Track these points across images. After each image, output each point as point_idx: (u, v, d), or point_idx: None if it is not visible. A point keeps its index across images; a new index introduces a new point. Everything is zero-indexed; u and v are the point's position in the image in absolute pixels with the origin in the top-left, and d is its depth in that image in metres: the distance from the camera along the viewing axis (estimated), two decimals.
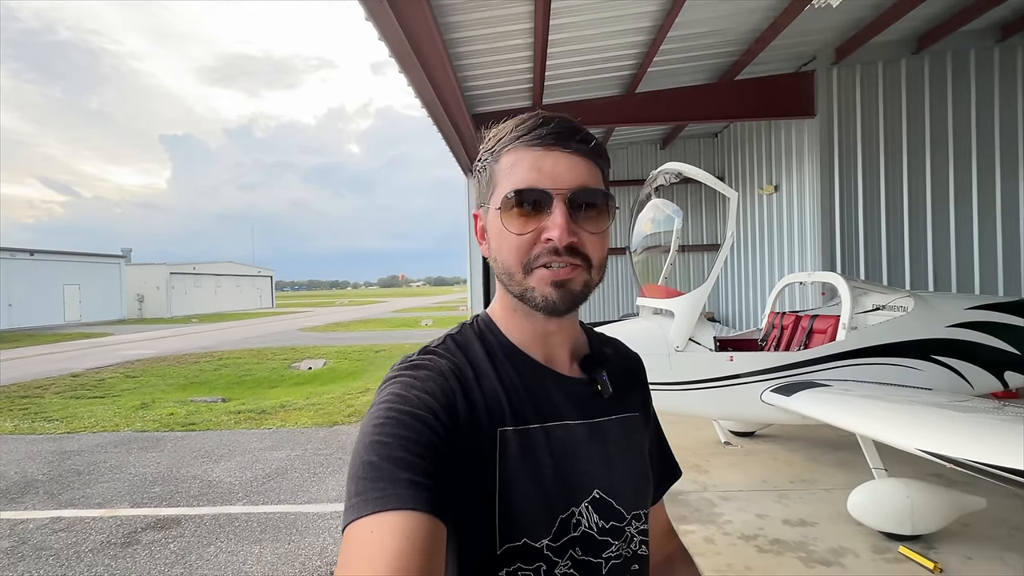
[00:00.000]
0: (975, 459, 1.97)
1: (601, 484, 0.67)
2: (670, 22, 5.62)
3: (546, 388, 0.68)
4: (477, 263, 9.92)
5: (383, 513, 0.48)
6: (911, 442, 2.19)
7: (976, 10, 6.20)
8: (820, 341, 3.90)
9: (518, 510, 0.61)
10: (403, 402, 0.58)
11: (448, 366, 0.65)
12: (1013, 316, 3.86)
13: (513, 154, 0.65)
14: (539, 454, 0.64)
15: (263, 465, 5.05)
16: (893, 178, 7.15)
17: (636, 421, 0.77)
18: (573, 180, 0.63)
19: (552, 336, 0.71)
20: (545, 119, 0.65)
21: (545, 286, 0.63)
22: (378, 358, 13.73)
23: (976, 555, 2.97)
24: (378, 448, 0.54)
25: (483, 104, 7.49)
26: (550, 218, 0.62)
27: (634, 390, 0.80)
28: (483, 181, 0.69)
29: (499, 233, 0.65)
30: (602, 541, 0.65)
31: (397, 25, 4.30)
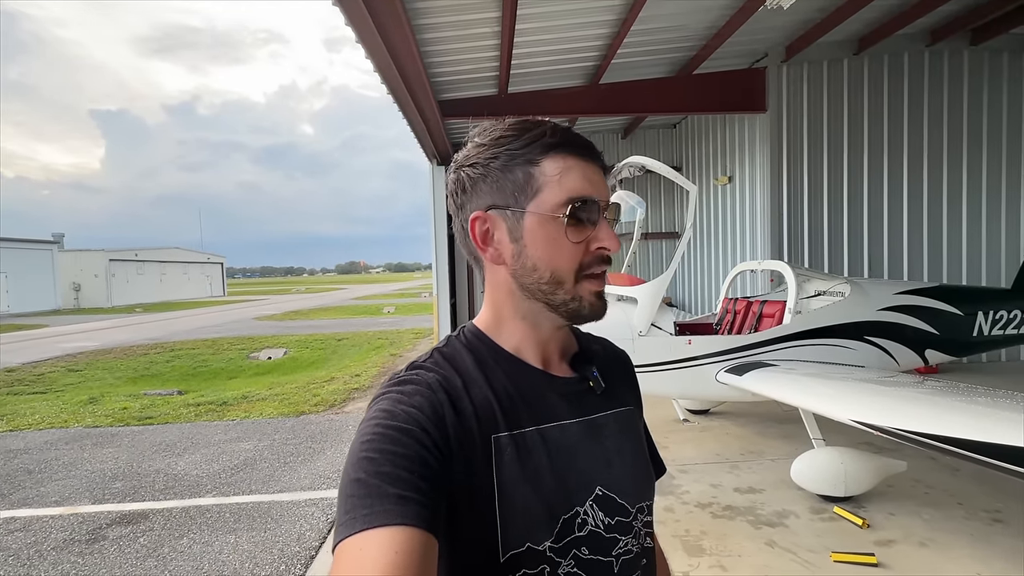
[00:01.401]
0: (898, 427, 2.27)
1: (603, 480, 0.67)
2: (633, 16, 5.77)
3: (539, 390, 0.68)
4: (443, 249, 9.91)
5: (372, 530, 0.48)
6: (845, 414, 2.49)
7: (909, 16, 6.68)
8: (769, 325, 4.23)
9: (519, 515, 0.60)
10: (391, 417, 0.58)
11: (435, 379, 0.64)
12: (933, 300, 4.31)
13: (560, 160, 0.64)
14: (536, 457, 0.63)
15: (230, 457, 4.99)
16: (835, 171, 7.67)
17: (631, 415, 0.77)
18: (606, 194, 0.67)
19: (553, 342, 0.72)
20: (569, 129, 0.67)
21: (592, 296, 0.66)
22: (341, 347, 13.54)
23: (898, 511, 3.37)
24: (366, 465, 0.53)
25: (449, 90, 7.45)
26: (597, 228, 0.65)
27: (624, 385, 0.81)
28: (512, 181, 0.65)
29: (552, 241, 0.64)
30: (610, 538, 0.65)
31: (365, 10, 4.24)
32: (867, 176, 7.68)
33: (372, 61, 5.10)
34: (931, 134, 7.72)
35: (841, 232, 7.69)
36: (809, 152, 7.63)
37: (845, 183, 7.67)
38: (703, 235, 10.00)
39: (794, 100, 7.61)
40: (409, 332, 15.31)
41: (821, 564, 2.82)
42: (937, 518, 3.27)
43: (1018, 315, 4.47)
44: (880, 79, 7.66)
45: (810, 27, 6.89)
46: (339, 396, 7.44)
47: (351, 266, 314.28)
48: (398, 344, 12.95)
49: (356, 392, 7.73)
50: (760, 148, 7.85)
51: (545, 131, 0.65)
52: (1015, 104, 7.84)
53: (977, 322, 4.37)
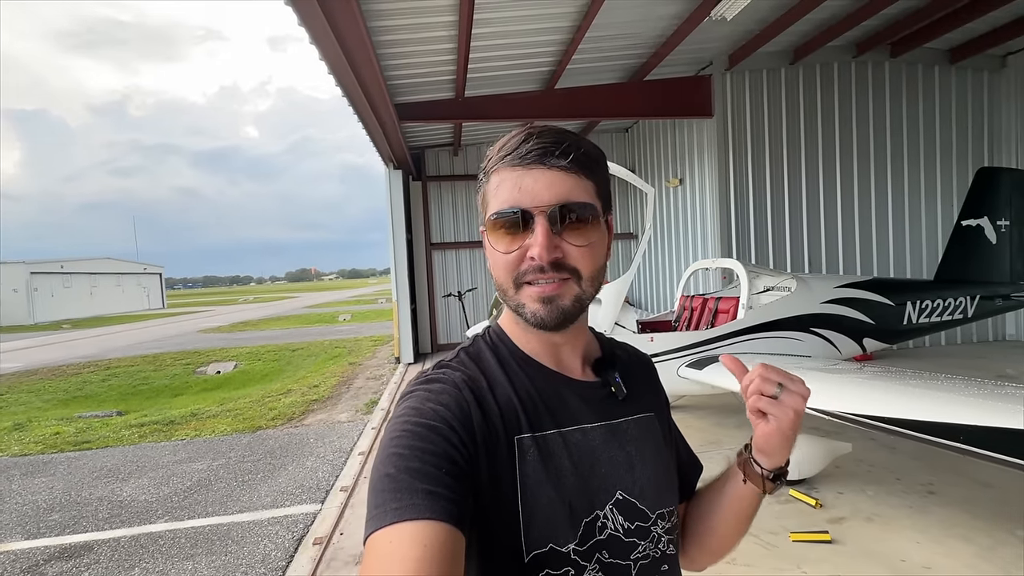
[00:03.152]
0: (846, 411, 2.45)
1: (623, 485, 0.67)
2: (588, 23, 5.91)
3: (560, 393, 0.69)
4: (402, 254, 9.76)
5: (401, 524, 0.50)
6: None
7: (837, 30, 7.21)
8: (724, 320, 4.44)
9: (542, 516, 0.61)
10: (418, 415, 0.60)
11: (462, 378, 0.66)
12: (868, 292, 4.67)
13: (499, 175, 0.66)
14: (558, 459, 0.64)
15: (181, 479, 4.70)
16: (776, 173, 8.14)
17: (652, 420, 0.77)
18: (553, 197, 0.63)
19: (560, 346, 0.72)
20: (529, 134, 0.65)
21: (533, 302, 0.65)
22: (296, 357, 13.05)
23: (845, 490, 3.62)
24: (395, 460, 0.55)
25: (406, 94, 7.37)
26: (533, 235, 0.63)
27: (647, 391, 0.80)
28: (479, 201, 0.71)
29: (490, 252, 0.68)
30: (629, 543, 0.65)
31: (319, 10, 4.13)
32: (805, 178, 8.21)
33: (326, 62, 4.98)
34: (859, 139, 8.35)
35: (784, 230, 8.17)
36: (753, 155, 8.07)
37: (786, 184, 8.16)
38: (658, 236, 10.35)
39: (738, 106, 8.03)
40: (368, 340, 14.95)
41: (781, 544, 2.98)
42: (880, 493, 3.54)
43: (940, 304, 4.92)
44: (814, 87, 8.21)
45: (750, 38, 7.29)
46: (297, 409, 7.17)
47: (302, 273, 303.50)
48: (357, 352, 12.61)
49: (315, 404, 7.48)
50: (708, 151, 8.23)
51: (503, 144, 0.67)
52: (929, 112, 8.61)
53: (907, 311, 4.77)
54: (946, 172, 8.68)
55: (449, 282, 11.18)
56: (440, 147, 11.05)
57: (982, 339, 8.77)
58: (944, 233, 8.62)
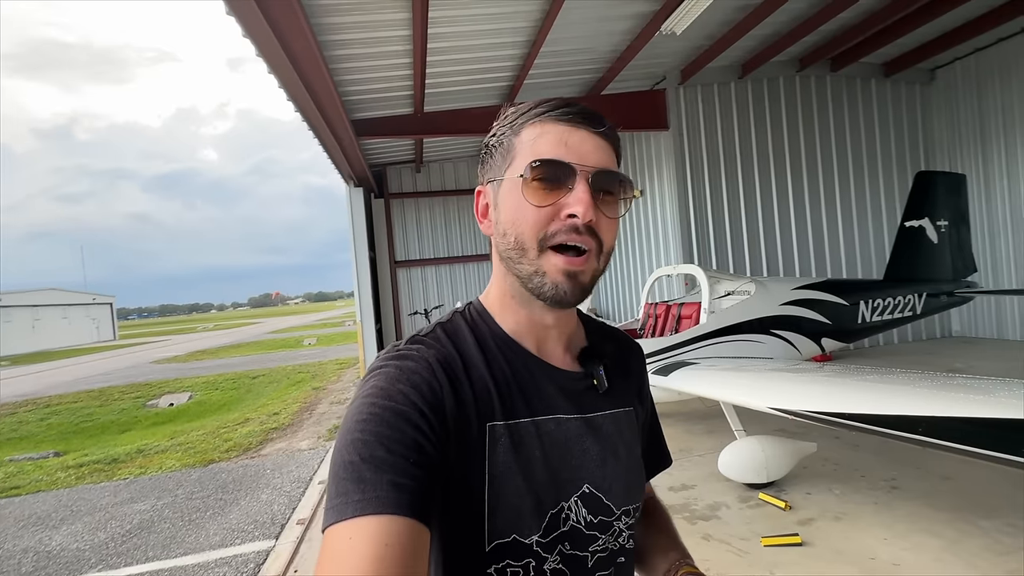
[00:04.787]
0: (809, 410, 2.44)
1: (592, 479, 0.65)
2: (543, 37, 5.98)
3: (538, 381, 0.66)
4: (365, 273, 9.52)
5: (362, 518, 0.47)
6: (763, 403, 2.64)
7: (781, 45, 7.55)
8: (688, 325, 4.45)
9: (508, 506, 0.59)
10: (387, 396, 0.56)
11: (436, 357, 0.62)
12: (823, 293, 4.78)
13: (538, 126, 0.63)
14: (529, 448, 0.62)
15: (120, 522, 4.32)
16: (731, 181, 8.39)
17: (630, 416, 0.75)
18: (598, 161, 0.61)
19: (549, 328, 0.69)
20: (570, 101, 0.64)
21: (557, 273, 0.61)
22: (256, 385, 12.47)
23: (813, 490, 3.61)
24: (359, 447, 0.52)
25: (363, 110, 7.26)
26: (572, 194, 0.60)
27: (630, 382, 0.78)
28: (498, 154, 0.66)
29: (516, 205, 0.62)
30: (589, 535, 0.64)
31: (264, 22, 4.01)
32: (759, 185, 8.48)
33: (275, 76, 4.84)
34: (806, 148, 8.72)
35: (741, 236, 8.39)
36: (709, 165, 8.30)
37: (741, 192, 8.41)
38: (621, 245, 10.48)
39: (692, 119, 8.27)
40: (333, 363, 14.46)
41: (753, 550, 2.93)
42: (846, 491, 3.55)
43: (891, 302, 5.09)
44: (762, 100, 8.55)
45: (700, 53, 7.55)
46: (255, 439, 6.78)
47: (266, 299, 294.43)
48: (321, 376, 12.16)
49: (275, 432, 7.10)
50: (666, 163, 8.41)
51: (539, 103, 0.65)
52: (869, 122, 9.09)
53: (860, 311, 4.90)
54: (888, 178, 9.15)
55: (415, 300, 10.98)
56: (402, 164, 10.94)
57: (930, 336, 9.18)
58: (889, 234, 9.04)
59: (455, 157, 11.02)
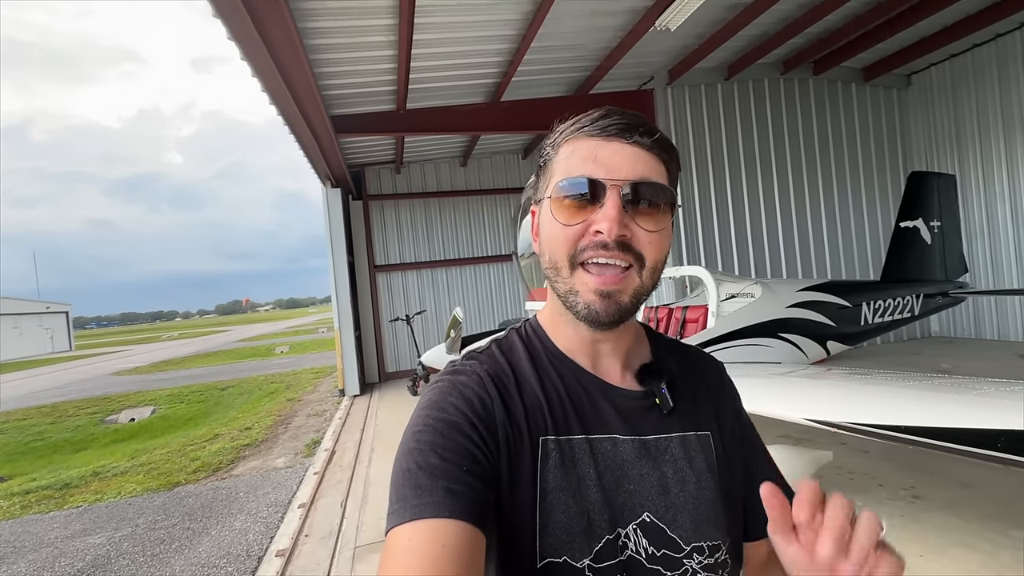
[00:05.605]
0: (856, 422, 2.23)
1: (652, 508, 0.62)
2: (533, 32, 5.75)
3: (594, 398, 0.65)
4: (344, 278, 9.08)
5: (420, 521, 0.49)
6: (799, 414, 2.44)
7: (767, 47, 7.55)
8: (694, 330, 4.26)
9: (558, 524, 0.58)
10: (440, 409, 0.58)
11: (487, 372, 0.64)
12: (827, 294, 4.67)
13: (572, 144, 0.63)
14: (582, 467, 0.61)
15: (71, 559, 3.83)
16: (719, 183, 8.33)
17: (705, 440, 0.68)
18: (631, 172, 0.59)
19: (600, 344, 0.67)
20: (610, 111, 0.62)
21: (589, 292, 0.60)
22: (225, 397, 11.81)
23: None
24: (416, 455, 0.54)
25: (343, 105, 6.88)
26: (601, 210, 0.59)
27: (705, 403, 0.71)
28: (542, 174, 0.67)
29: (549, 224, 0.62)
30: (652, 570, 0.60)
31: (240, 4, 3.66)
32: (745, 187, 8.45)
33: (249, 63, 4.46)
34: (791, 150, 8.75)
35: (729, 238, 8.33)
36: (697, 167, 8.22)
37: (728, 194, 8.36)
38: None
39: (679, 119, 8.18)
40: (308, 372, 13.87)
41: None
42: (868, 503, 3.38)
43: (891, 303, 5.02)
44: (748, 102, 8.54)
45: (688, 52, 7.46)
46: (225, 457, 6.29)
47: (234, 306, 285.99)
48: (296, 387, 11.59)
49: (247, 449, 6.61)
50: None
51: (580, 118, 0.63)
52: (850, 126, 9.20)
53: (863, 312, 4.81)
54: (868, 180, 9.26)
55: (396, 306, 10.57)
56: (382, 164, 10.54)
57: (911, 336, 9.31)
58: (871, 235, 9.16)
59: (437, 158, 10.68)
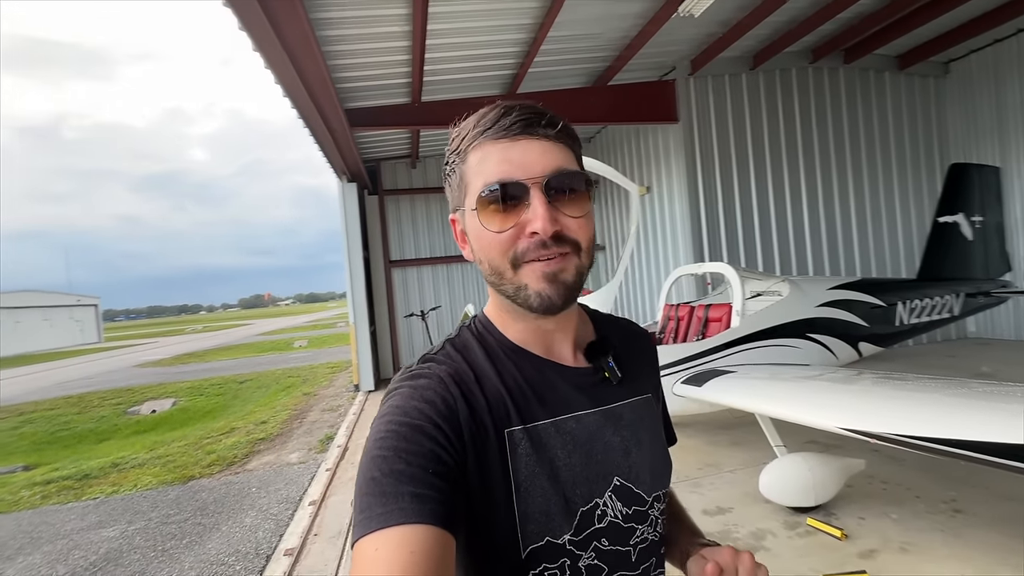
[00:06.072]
0: (903, 434, 2.05)
1: (620, 471, 0.66)
2: (550, 21, 5.58)
3: (552, 382, 0.67)
4: (359, 273, 9.06)
5: (387, 529, 0.48)
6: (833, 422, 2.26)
7: (795, 35, 7.22)
8: (717, 329, 4.06)
9: (538, 510, 0.59)
10: (403, 413, 0.58)
11: (447, 372, 0.63)
12: (860, 293, 4.42)
13: (480, 150, 0.62)
14: (551, 450, 0.62)
15: (84, 552, 3.84)
16: (743, 177, 8.03)
17: (649, 402, 0.75)
18: (546, 166, 0.60)
19: (551, 332, 0.69)
20: (507, 108, 0.62)
21: (539, 281, 0.61)
22: (243, 390, 11.95)
23: (866, 514, 3.23)
24: (379, 463, 0.53)
25: (358, 98, 6.81)
26: (530, 209, 0.59)
27: (644, 371, 0.77)
28: (453, 184, 0.67)
29: (479, 233, 0.62)
30: (628, 528, 0.64)
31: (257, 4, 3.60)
32: (771, 181, 8.14)
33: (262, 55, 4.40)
34: (820, 143, 8.39)
35: (754, 234, 8.04)
36: (720, 160, 7.94)
37: (753, 188, 8.06)
38: None
39: (702, 111, 7.90)
40: (324, 366, 13.96)
41: None
42: (905, 516, 3.17)
43: (929, 303, 4.74)
44: (774, 92, 8.21)
45: (712, 41, 7.19)
46: (240, 451, 6.31)
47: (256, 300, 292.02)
48: (312, 381, 11.66)
49: (262, 444, 6.62)
50: (675, 157, 8.04)
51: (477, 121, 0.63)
52: (883, 117, 8.79)
53: (898, 312, 4.55)
54: (902, 173, 8.85)
55: (411, 301, 10.52)
56: (397, 159, 10.49)
57: (946, 337, 8.88)
58: (907, 232, 8.75)
59: None
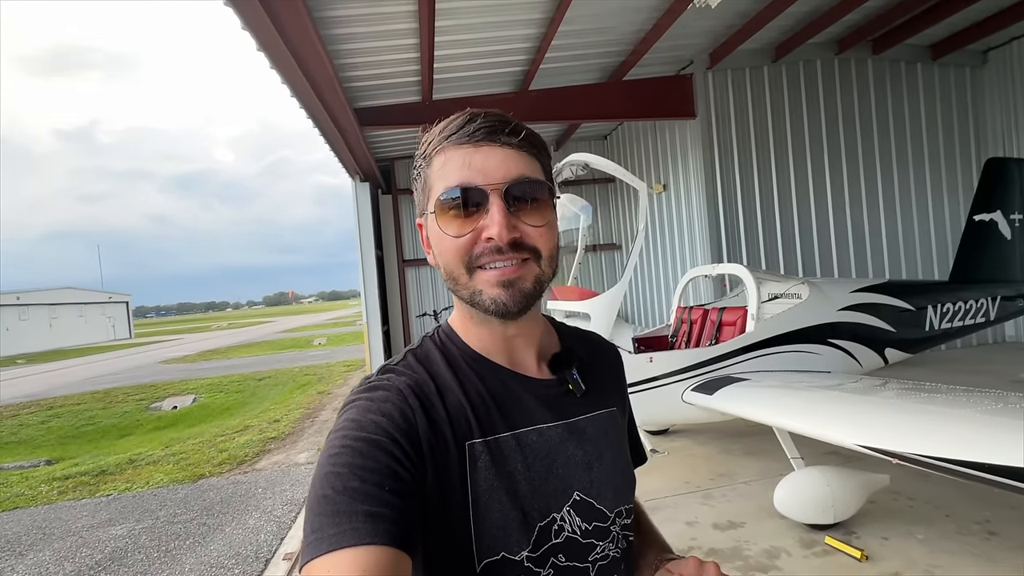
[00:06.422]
0: (933, 455, 1.86)
1: (580, 486, 0.65)
2: (560, 15, 5.44)
3: (514, 393, 0.66)
4: (372, 272, 9.07)
5: (339, 551, 0.46)
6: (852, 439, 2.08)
7: (818, 25, 6.90)
8: (731, 334, 3.88)
9: (494, 524, 0.58)
10: (358, 428, 0.56)
11: (406, 383, 0.62)
12: (886, 296, 4.17)
13: (443, 155, 0.62)
14: (511, 463, 0.62)
15: (92, 550, 3.88)
16: (764, 175, 7.74)
17: (614, 416, 0.74)
18: (507, 173, 0.60)
19: (514, 339, 0.68)
20: (473, 115, 0.62)
21: (492, 287, 0.61)
22: (261, 387, 12.12)
23: (890, 534, 3.02)
24: (333, 480, 0.51)
25: (367, 97, 6.78)
26: (488, 215, 0.59)
27: (610, 384, 0.77)
28: (419, 188, 0.67)
29: (438, 237, 0.62)
30: (587, 544, 0.63)
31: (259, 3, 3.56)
32: (794, 179, 7.83)
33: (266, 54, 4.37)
34: (847, 138, 8.04)
35: (775, 234, 7.75)
36: (740, 157, 7.67)
37: (775, 186, 7.76)
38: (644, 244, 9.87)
39: (721, 106, 7.64)
40: (340, 365, 14.08)
41: None
42: (932, 537, 2.95)
43: (962, 306, 4.46)
44: (797, 85, 7.89)
45: (731, 34, 6.93)
46: (251, 449, 6.35)
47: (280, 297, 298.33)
48: (328, 380, 11.76)
49: (273, 443, 6.66)
50: (692, 154, 7.80)
51: (444, 126, 0.64)
52: (915, 110, 8.37)
53: (928, 316, 4.28)
54: (935, 169, 8.42)
55: (424, 301, 10.51)
56: (411, 158, 10.44)
57: (982, 342, 8.42)
58: (940, 231, 8.34)
59: None
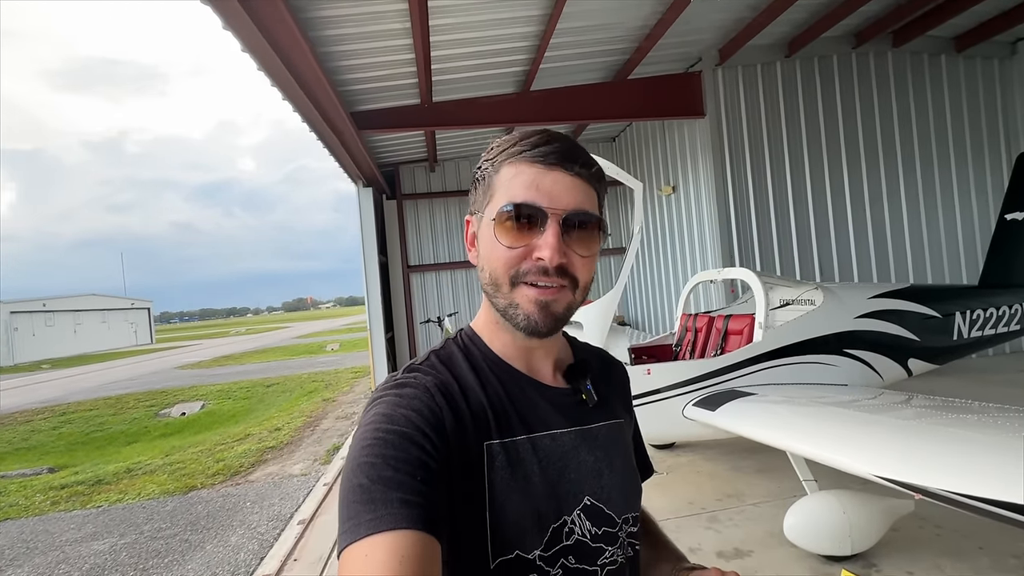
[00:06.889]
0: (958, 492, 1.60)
1: (591, 491, 0.67)
2: (558, 10, 5.24)
3: (531, 399, 0.69)
4: (375, 279, 8.95)
5: (376, 535, 0.49)
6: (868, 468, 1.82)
7: (834, 17, 6.57)
8: (737, 343, 3.61)
9: (509, 523, 0.61)
10: (389, 421, 0.58)
11: (433, 382, 0.65)
12: (908, 302, 3.85)
13: (514, 167, 0.65)
14: (527, 465, 0.64)
15: (70, 566, 3.76)
16: (778, 175, 7.41)
17: (622, 426, 0.77)
18: (570, 202, 0.63)
19: (535, 350, 0.72)
20: (551, 137, 0.64)
21: (529, 304, 0.64)
22: (269, 394, 12.09)
23: (915, 568, 2.72)
24: (367, 469, 0.53)
25: (365, 101, 6.67)
26: (542, 236, 0.62)
27: (618, 397, 0.81)
28: (480, 189, 0.69)
29: (490, 243, 0.65)
30: (596, 548, 0.65)
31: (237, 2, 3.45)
32: (810, 179, 7.48)
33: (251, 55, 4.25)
34: (865, 136, 7.66)
35: (790, 235, 7.40)
36: (752, 156, 7.36)
37: (789, 185, 7.43)
38: (650, 248, 9.58)
39: (732, 104, 7.35)
40: (348, 371, 14.01)
41: None
42: (963, 572, 2.64)
43: (994, 313, 4.10)
44: (812, 81, 7.56)
45: (741, 27, 6.65)
46: (248, 459, 6.24)
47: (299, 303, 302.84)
48: (335, 386, 11.67)
49: (271, 452, 6.54)
50: (702, 154, 7.51)
51: (520, 139, 0.66)
52: (939, 105, 7.95)
53: (956, 323, 3.94)
54: (962, 166, 7.98)
55: (430, 307, 10.35)
56: (415, 163, 10.36)
57: (1015, 349, 7.91)
58: (968, 232, 7.89)
59: (472, 154, 10.37)
